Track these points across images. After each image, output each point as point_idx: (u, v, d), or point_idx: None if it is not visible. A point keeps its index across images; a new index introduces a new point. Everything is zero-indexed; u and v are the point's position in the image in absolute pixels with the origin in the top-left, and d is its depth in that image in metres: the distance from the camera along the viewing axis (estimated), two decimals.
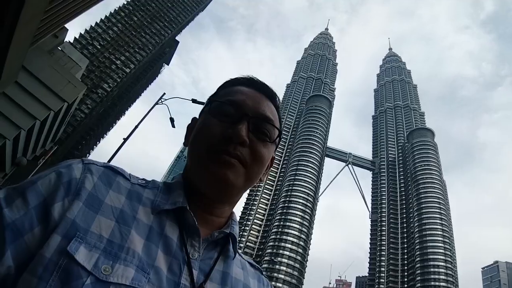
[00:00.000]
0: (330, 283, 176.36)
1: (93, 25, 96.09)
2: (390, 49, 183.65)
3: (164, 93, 14.51)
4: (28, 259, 0.49)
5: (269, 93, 0.79)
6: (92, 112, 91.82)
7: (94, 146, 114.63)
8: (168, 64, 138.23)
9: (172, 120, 14.27)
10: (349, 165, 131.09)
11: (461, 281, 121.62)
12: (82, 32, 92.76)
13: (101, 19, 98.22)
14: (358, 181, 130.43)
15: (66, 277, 0.48)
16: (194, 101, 14.44)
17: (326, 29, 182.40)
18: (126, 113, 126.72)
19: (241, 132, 0.67)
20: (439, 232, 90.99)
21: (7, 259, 0.48)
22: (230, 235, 0.72)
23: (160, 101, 14.38)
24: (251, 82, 0.79)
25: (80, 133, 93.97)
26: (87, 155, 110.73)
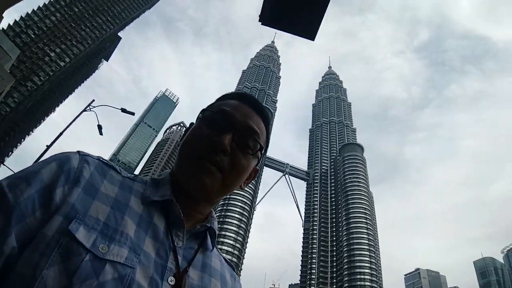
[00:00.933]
0: None
1: (29, 12, 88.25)
2: (329, 67, 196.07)
3: (93, 100, 14.18)
4: (29, 240, 0.55)
5: (260, 109, 0.85)
6: (19, 106, 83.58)
7: (18, 144, 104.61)
8: (107, 60, 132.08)
9: (99, 127, 14.19)
10: (286, 175, 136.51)
11: (386, 287, 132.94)
12: (17, 19, 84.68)
13: (39, 6, 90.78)
14: (293, 190, 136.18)
15: (67, 253, 0.54)
16: (123, 110, 14.67)
17: (273, 42, 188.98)
18: (57, 109, 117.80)
19: (224, 141, 0.74)
20: (365, 241, 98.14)
21: (12, 240, 0.54)
22: (210, 229, 0.81)
23: (88, 108, 13.93)
24: (244, 97, 0.86)
25: (4, 128, 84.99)
26: (10, 153, 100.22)
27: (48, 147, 13.66)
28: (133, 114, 15.08)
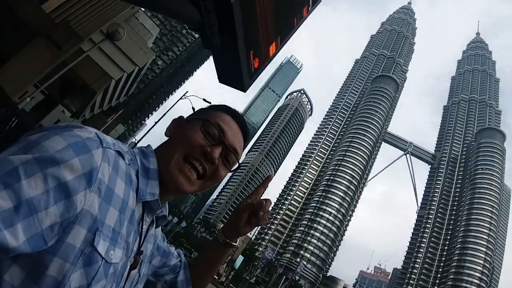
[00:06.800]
0: (368, 269, 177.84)
1: None
2: (477, 33, 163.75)
3: (187, 91, 18.72)
4: (37, 237, 0.57)
5: (245, 131, 0.96)
6: (162, 72, 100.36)
7: (163, 101, 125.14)
8: None
9: (193, 109, 18.65)
10: (407, 155, 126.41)
11: None
12: None
13: None
14: (413, 172, 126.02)
15: (88, 261, 0.64)
16: (204, 100, 17.76)
17: (409, 3, 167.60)
18: (194, 74, 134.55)
19: (215, 154, 0.84)
20: (484, 243, 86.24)
21: (19, 234, 0.54)
22: (164, 216, 0.93)
23: (184, 96, 19.09)
24: (237, 117, 0.95)
25: (151, 89, 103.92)
26: (157, 108, 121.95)
27: (155, 123, 19.16)
28: (209, 103, 19.50)
